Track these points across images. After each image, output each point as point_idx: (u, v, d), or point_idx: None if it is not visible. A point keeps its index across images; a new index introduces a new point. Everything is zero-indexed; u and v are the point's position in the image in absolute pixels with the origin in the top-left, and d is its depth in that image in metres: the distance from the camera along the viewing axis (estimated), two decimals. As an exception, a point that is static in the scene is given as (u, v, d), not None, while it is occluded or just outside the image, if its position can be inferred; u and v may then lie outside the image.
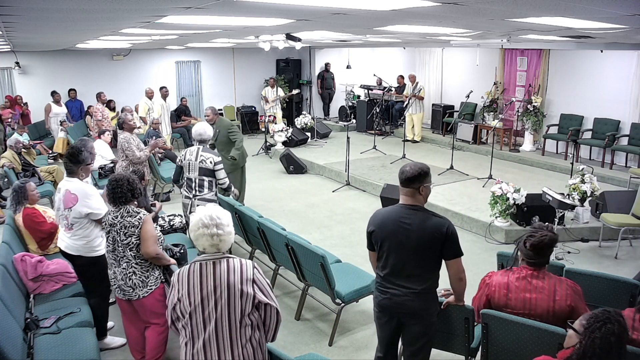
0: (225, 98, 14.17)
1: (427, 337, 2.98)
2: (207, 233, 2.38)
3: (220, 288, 2.36)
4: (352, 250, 6.01)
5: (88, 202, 3.74)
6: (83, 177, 3.92)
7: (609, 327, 2.07)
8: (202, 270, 2.39)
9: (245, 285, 2.37)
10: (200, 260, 2.42)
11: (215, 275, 2.37)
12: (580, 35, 6.18)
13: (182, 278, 2.42)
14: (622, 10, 3.27)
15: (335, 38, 8.77)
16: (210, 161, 5.01)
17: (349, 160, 8.82)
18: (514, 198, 6.12)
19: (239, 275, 2.38)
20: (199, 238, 2.41)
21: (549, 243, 2.80)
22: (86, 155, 3.90)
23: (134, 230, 3.34)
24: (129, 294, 3.43)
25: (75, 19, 4.22)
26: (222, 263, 2.40)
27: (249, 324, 2.40)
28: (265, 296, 2.44)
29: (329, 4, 3.22)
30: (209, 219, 2.39)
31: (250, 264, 2.46)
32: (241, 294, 2.36)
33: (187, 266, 2.46)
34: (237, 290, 2.36)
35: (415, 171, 2.84)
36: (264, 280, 2.48)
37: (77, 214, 3.76)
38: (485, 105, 11.24)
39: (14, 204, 4.76)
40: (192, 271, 2.41)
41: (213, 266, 2.39)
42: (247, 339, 2.40)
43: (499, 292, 2.91)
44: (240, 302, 2.36)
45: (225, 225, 2.42)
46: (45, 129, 11.02)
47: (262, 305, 2.44)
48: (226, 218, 2.46)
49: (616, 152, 9.15)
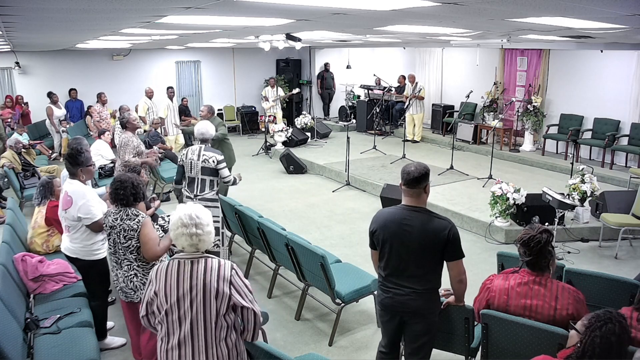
0: (225, 98, 14.17)
1: (428, 335, 2.99)
2: (186, 232, 2.38)
3: (197, 288, 2.35)
4: (352, 250, 6.02)
5: (81, 207, 3.70)
6: (84, 179, 3.89)
7: (610, 327, 2.06)
8: (180, 268, 2.39)
9: (221, 285, 2.36)
10: (179, 258, 2.42)
11: (192, 275, 2.37)
12: (580, 35, 6.18)
13: (160, 275, 2.42)
14: (622, 10, 3.27)
15: (335, 38, 8.77)
16: (212, 160, 4.99)
17: (349, 160, 8.82)
18: (514, 198, 6.12)
19: (216, 275, 2.37)
20: (178, 237, 2.41)
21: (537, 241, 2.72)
22: (86, 157, 3.88)
23: (133, 233, 3.30)
24: (131, 297, 3.42)
25: (75, 19, 4.22)
26: (200, 263, 2.39)
27: (224, 326, 2.40)
28: (242, 299, 2.41)
29: (329, 4, 3.22)
30: (188, 219, 2.39)
31: (228, 265, 2.44)
32: (217, 294, 2.35)
33: (165, 262, 2.45)
34: (213, 290, 2.35)
35: (421, 171, 2.85)
36: (243, 282, 2.45)
37: (71, 217, 3.76)
38: (485, 105, 11.24)
39: (39, 198, 4.82)
40: (169, 269, 2.41)
41: (191, 265, 2.39)
42: (222, 339, 2.40)
43: (499, 298, 2.90)
44: (215, 303, 2.36)
45: (204, 225, 2.41)
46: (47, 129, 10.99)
47: (239, 308, 2.42)
48: (206, 217, 2.44)
49: (616, 152, 9.14)
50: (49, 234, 4.77)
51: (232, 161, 6.99)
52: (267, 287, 5.04)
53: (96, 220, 3.72)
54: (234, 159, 7.11)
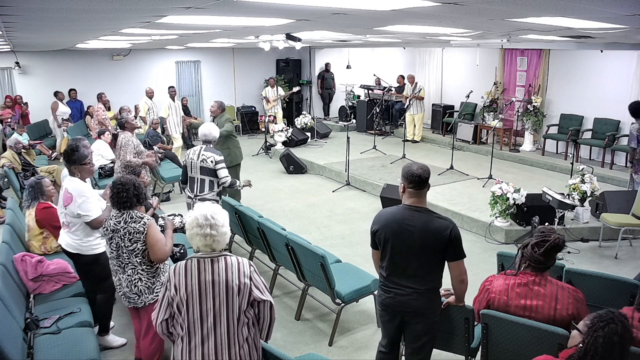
0: (225, 98, 14.11)
1: (429, 335, 2.99)
2: (200, 233, 2.38)
3: (219, 285, 2.36)
4: (352, 250, 6.02)
5: (80, 204, 3.71)
6: (81, 177, 3.86)
7: (612, 327, 2.06)
8: (200, 266, 2.39)
9: (242, 280, 2.38)
10: (198, 257, 2.42)
11: (213, 271, 2.37)
12: (580, 35, 6.18)
13: (179, 272, 2.41)
14: (622, 10, 3.27)
15: (335, 38, 8.77)
16: (211, 160, 4.98)
17: (349, 160, 8.82)
18: (514, 198, 6.12)
19: (237, 271, 2.39)
20: (192, 237, 2.42)
21: (561, 245, 2.78)
22: (80, 154, 3.82)
23: (139, 236, 3.25)
24: (135, 302, 3.37)
25: (75, 19, 4.22)
26: (220, 261, 2.40)
27: (245, 322, 2.42)
28: (261, 293, 2.45)
29: (329, 4, 3.21)
30: (203, 219, 2.39)
31: (246, 262, 2.47)
32: (239, 289, 2.37)
33: (183, 262, 2.44)
34: (235, 286, 2.37)
35: (427, 171, 2.89)
36: (260, 278, 2.50)
37: (71, 214, 3.77)
38: (485, 105, 11.24)
39: (29, 199, 4.75)
40: (189, 267, 2.40)
41: (211, 263, 2.39)
42: (244, 339, 2.41)
43: (499, 300, 2.90)
44: (237, 298, 2.38)
45: (219, 225, 2.41)
46: (50, 127, 10.98)
47: (256, 303, 2.46)
48: (222, 218, 2.44)
49: (616, 152, 9.15)
50: (45, 237, 4.74)
51: (239, 159, 6.91)
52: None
53: (95, 218, 3.72)
54: (241, 157, 6.99)
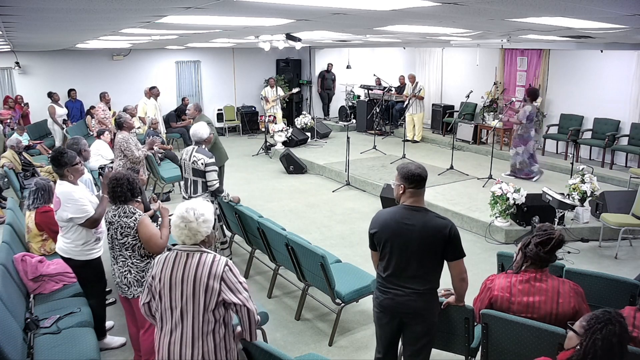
0: (225, 98, 14.18)
1: (428, 336, 2.98)
2: (177, 224, 2.48)
3: (188, 280, 2.42)
4: (352, 250, 6.02)
5: (68, 207, 3.68)
6: (72, 179, 3.80)
7: (611, 329, 2.05)
8: (176, 259, 2.48)
9: (211, 281, 2.40)
10: (178, 250, 2.51)
11: (185, 267, 2.45)
12: (580, 35, 6.18)
13: (159, 261, 2.53)
14: (622, 10, 3.27)
15: (335, 38, 8.77)
16: (201, 162, 4.95)
17: (349, 160, 8.82)
18: (514, 198, 6.12)
19: (207, 270, 2.42)
20: (174, 231, 2.53)
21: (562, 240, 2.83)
22: (70, 156, 3.79)
23: (130, 231, 3.35)
24: (125, 292, 3.47)
25: (75, 19, 4.22)
26: (195, 256, 2.46)
27: (211, 320, 2.44)
28: (234, 295, 2.43)
29: (329, 4, 3.22)
30: (184, 211, 2.48)
31: (223, 261, 2.47)
32: (206, 288, 2.41)
33: (167, 252, 2.55)
34: (203, 284, 2.41)
35: (424, 169, 2.89)
36: (237, 279, 2.47)
37: (60, 218, 3.76)
38: (485, 105, 11.25)
39: (35, 201, 4.68)
40: (168, 257, 2.51)
41: (186, 257, 2.47)
42: (208, 332, 2.43)
43: (502, 297, 2.90)
44: (204, 297, 2.41)
45: (199, 215, 2.47)
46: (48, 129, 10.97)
47: (233, 305, 2.46)
48: (201, 208, 2.50)
49: (616, 152, 9.15)
50: (44, 239, 4.74)
51: (222, 160, 6.73)
52: (267, 287, 5.04)
53: (88, 218, 3.71)
54: (225, 157, 6.87)
